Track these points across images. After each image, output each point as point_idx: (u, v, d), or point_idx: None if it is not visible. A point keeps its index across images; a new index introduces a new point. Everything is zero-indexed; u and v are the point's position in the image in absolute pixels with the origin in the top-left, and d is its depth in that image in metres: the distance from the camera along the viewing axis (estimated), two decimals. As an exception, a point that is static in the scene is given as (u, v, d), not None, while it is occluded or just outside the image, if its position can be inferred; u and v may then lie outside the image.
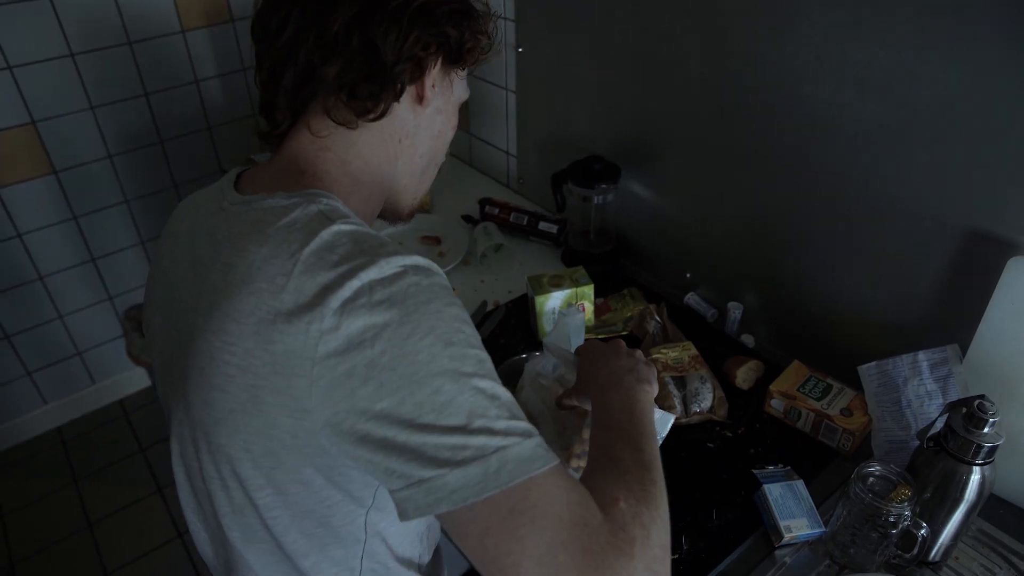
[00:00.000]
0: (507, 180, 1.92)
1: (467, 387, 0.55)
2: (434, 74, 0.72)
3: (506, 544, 0.52)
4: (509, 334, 1.35)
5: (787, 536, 0.93)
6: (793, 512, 0.96)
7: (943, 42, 0.91)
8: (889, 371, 1.04)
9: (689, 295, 1.42)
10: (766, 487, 0.98)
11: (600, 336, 1.32)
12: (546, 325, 1.31)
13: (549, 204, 1.68)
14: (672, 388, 1.15)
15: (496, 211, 1.67)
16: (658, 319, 1.31)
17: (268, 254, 0.60)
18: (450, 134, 0.80)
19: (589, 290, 1.30)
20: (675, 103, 1.32)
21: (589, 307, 1.32)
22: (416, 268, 0.59)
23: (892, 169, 1.02)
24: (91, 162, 2.03)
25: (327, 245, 0.59)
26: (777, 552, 0.95)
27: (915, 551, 0.88)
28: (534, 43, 1.61)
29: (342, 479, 0.63)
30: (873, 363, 1.06)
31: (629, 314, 1.36)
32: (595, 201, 1.46)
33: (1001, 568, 0.92)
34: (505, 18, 1.65)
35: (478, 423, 0.54)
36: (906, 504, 0.84)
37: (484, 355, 0.59)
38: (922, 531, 0.86)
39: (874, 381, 1.06)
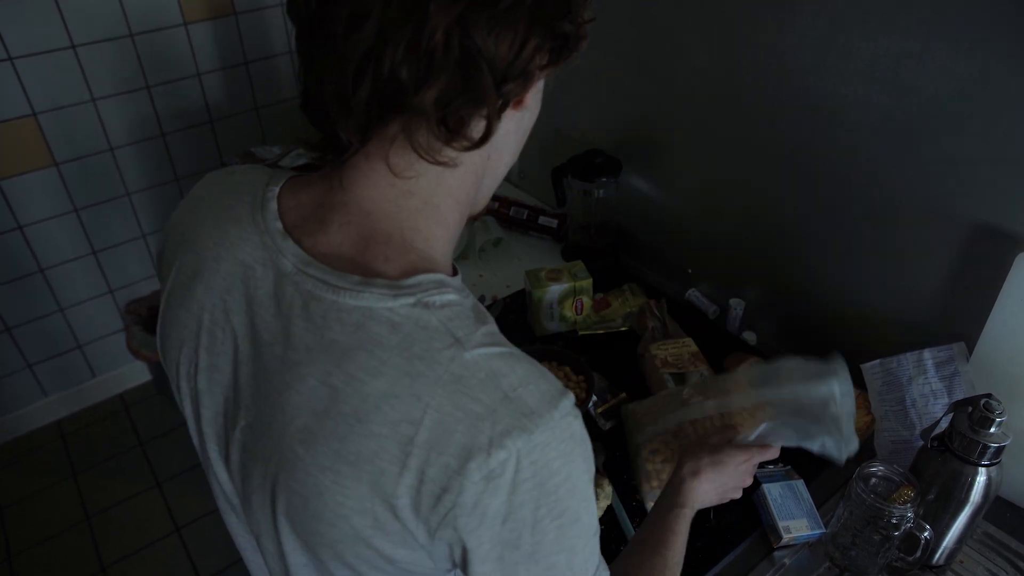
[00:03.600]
0: (507, 174, 1.90)
1: (575, 569, 0.57)
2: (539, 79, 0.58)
3: None
4: (507, 330, 1.30)
5: (786, 537, 0.91)
6: (793, 512, 0.94)
7: (951, 32, 0.88)
8: (893, 369, 1.02)
9: (691, 291, 1.40)
10: (765, 487, 0.97)
11: (598, 332, 1.31)
12: (544, 320, 1.29)
13: (549, 198, 1.66)
14: (671, 385, 1.13)
15: (496, 205, 1.66)
16: (658, 315, 1.29)
17: (386, 391, 0.50)
18: (533, 121, 0.67)
19: (587, 284, 1.28)
20: (677, 96, 1.30)
21: (587, 302, 1.30)
22: (563, 426, 0.52)
23: (897, 163, 1.00)
24: (92, 155, 2.03)
25: (463, 387, 0.50)
26: (776, 553, 0.93)
27: (918, 554, 0.86)
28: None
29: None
30: (877, 361, 1.04)
31: (629, 310, 1.34)
32: (595, 195, 1.45)
33: (1007, 573, 0.90)
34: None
35: None
36: (909, 506, 0.82)
37: (595, 516, 0.59)
38: (925, 534, 0.84)
39: (878, 379, 1.04)
